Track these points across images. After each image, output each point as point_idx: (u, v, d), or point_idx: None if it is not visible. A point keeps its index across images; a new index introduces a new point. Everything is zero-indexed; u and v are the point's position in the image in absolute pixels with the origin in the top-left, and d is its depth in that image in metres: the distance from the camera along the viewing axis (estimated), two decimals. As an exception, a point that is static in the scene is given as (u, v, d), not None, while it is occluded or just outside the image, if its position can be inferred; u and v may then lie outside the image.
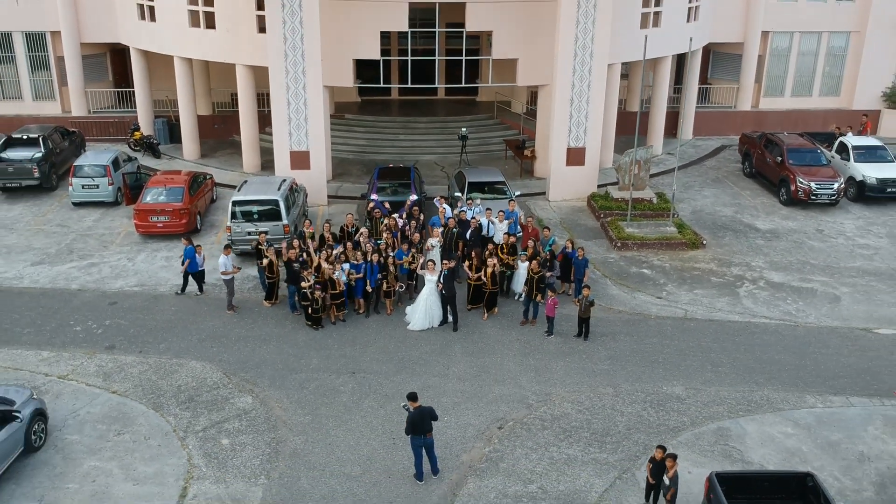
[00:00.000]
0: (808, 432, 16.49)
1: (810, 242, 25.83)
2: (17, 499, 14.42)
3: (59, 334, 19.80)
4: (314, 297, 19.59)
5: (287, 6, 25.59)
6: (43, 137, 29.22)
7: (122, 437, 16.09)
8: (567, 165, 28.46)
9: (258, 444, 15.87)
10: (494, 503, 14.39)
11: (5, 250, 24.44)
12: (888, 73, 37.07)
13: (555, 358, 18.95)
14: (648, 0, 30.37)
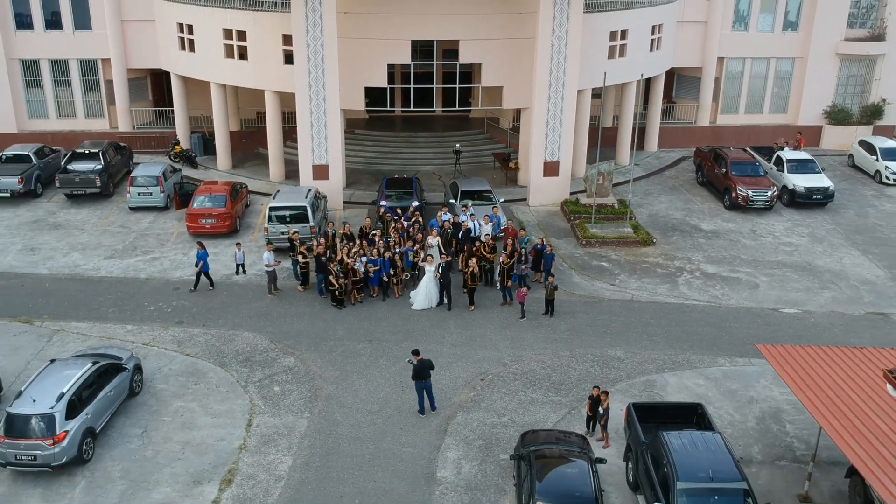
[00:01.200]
0: (715, 383, 21.90)
1: (743, 241, 31.25)
2: (127, 428, 19.80)
3: (136, 313, 25.19)
4: (338, 282, 24.99)
5: (311, 45, 30.95)
6: (101, 151, 34.56)
7: (199, 386, 21.48)
8: (544, 176, 33.88)
9: (301, 391, 21.27)
10: (477, 430, 19.80)
11: (80, 247, 29.82)
12: (828, 93, 42.44)
13: (526, 330, 24.36)
14: (615, 35, 35.73)
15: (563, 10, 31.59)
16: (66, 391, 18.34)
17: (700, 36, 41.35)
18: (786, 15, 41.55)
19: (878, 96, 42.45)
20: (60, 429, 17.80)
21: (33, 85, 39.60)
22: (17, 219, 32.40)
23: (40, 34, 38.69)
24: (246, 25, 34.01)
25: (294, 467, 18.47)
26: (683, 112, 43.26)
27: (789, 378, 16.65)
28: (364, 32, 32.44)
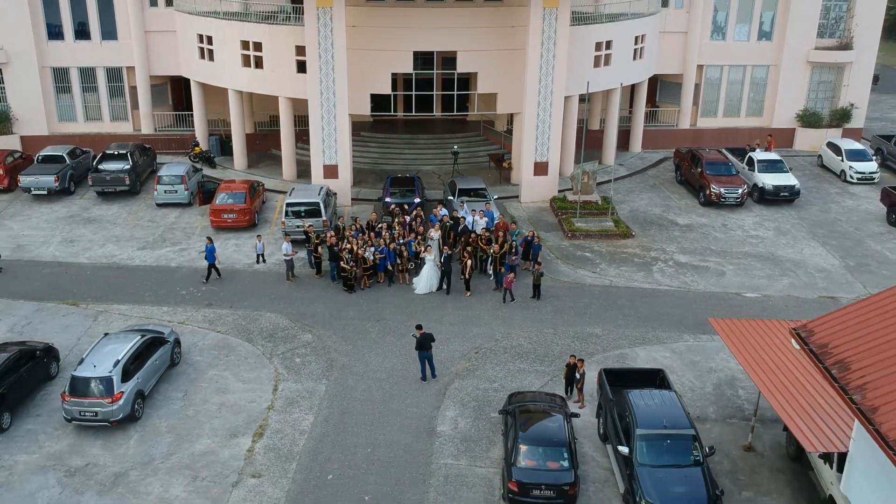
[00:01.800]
0: (679, 356, 25.11)
1: (714, 234, 34.46)
2: (170, 392, 22.99)
3: (170, 297, 28.39)
4: (349, 269, 28.19)
5: (323, 56, 34.13)
6: (129, 152, 37.75)
7: (230, 357, 24.69)
8: (534, 175, 37.09)
9: (318, 361, 24.47)
10: (471, 393, 23.00)
11: (115, 239, 33.02)
12: (800, 98, 45.62)
13: (516, 311, 27.56)
14: (600, 45, 38.91)
15: (550, 24, 34.78)
16: (121, 358, 21.54)
17: (681, 45, 44.52)
18: (760, 25, 44.74)
19: (847, 101, 45.64)
20: (117, 390, 21.00)
21: (63, 91, 42.74)
22: (55, 214, 35.59)
23: (70, 44, 41.84)
24: (262, 37, 37.16)
25: (315, 423, 21.67)
26: (666, 115, 46.44)
27: (732, 344, 19.86)
28: (370, 44, 35.61)
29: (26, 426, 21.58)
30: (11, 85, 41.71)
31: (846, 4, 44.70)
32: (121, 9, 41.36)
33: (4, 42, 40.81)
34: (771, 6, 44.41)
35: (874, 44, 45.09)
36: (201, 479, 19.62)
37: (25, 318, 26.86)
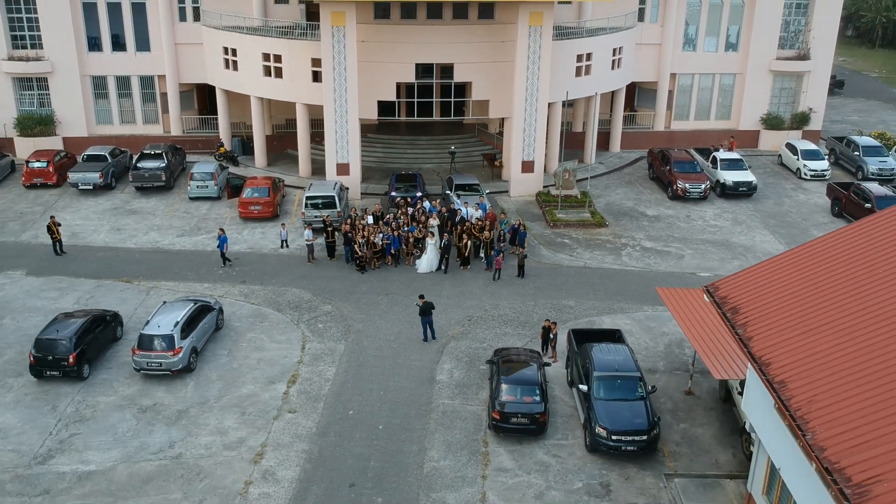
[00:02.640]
0: (639, 323, 30.08)
1: (678, 224, 39.45)
2: (217, 350, 27.94)
3: (209, 275, 33.36)
4: (361, 252, 33.16)
5: (336, 69, 39.05)
6: (164, 152, 42.69)
7: (264, 323, 29.66)
8: (522, 173, 42.05)
9: (338, 327, 29.44)
10: (464, 351, 27.96)
11: (157, 228, 37.98)
12: (763, 103, 50.57)
13: (503, 287, 32.54)
14: (581, 57, 43.82)
15: (535, 40, 39.73)
16: (180, 320, 26.50)
17: (656, 55, 49.48)
18: (727, 38, 49.72)
19: (806, 106, 50.60)
20: (177, 345, 25.95)
21: (101, 97, 47.66)
22: (100, 206, 40.54)
23: (108, 55, 46.75)
24: (281, 50, 42.06)
25: (337, 374, 26.65)
26: (643, 119, 51.42)
27: (671, 305, 24.81)
28: (377, 57, 40.54)
29: (102, 376, 26.54)
30: (55, 92, 46.60)
31: (804, 19, 49.66)
32: (153, 23, 46.26)
33: (50, 54, 45.70)
34: (736, 20, 49.38)
35: (829, 54, 50.06)
36: (248, 414, 24.61)
37: (88, 293, 31.82)
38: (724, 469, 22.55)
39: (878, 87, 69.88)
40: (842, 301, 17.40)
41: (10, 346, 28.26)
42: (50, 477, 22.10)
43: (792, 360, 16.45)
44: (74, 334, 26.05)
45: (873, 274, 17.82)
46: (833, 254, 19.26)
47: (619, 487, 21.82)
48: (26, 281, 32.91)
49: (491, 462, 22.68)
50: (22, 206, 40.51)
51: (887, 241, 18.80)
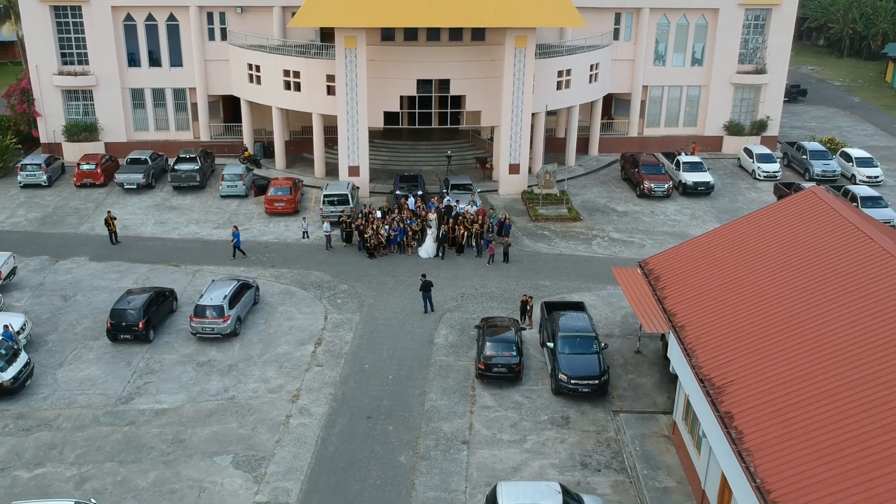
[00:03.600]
0: (602, 298, 36.39)
1: (643, 218, 45.78)
2: (256, 319, 34.24)
3: (244, 261, 39.65)
4: (371, 242, 39.46)
5: (349, 84, 45.33)
6: (198, 156, 48.99)
7: (293, 299, 35.98)
8: (509, 174, 48.37)
9: (353, 302, 35.77)
10: (458, 321, 34.29)
11: (195, 221, 44.29)
12: (726, 112, 56.88)
13: (491, 271, 38.87)
14: (561, 73, 50.09)
15: (520, 59, 46.00)
16: (227, 294, 32.81)
17: (629, 70, 55.78)
18: (693, 54, 56.05)
19: (763, 114, 56.91)
20: (227, 314, 32.24)
21: (138, 106, 53.95)
22: (144, 203, 46.84)
23: (145, 70, 53.05)
24: (299, 67, 48.34)
25: (354, 337, 32.99)
26: (618, 126, 57.76)
27: (621, 281, 31.05)
28: (383, 73, 46.81)
29: (164, 339, 32.86)
30: (99, 102, 52.89)
31: (760, 38, 55.97)
32: (186, 42, 52.54)
33: (95, 69, 51.98)
34: (701, 38, 55.71)
35: (784, 69, 56.38)
36: (284, 367, 30.95)
37: (144, 275, 38.14)
38: (659, 408, 28.88)
39: (839, 95, 76.15)
40: (732, 268, 23.76)
41: (85, 316, 34.58)
42: (133, 413, 28.44)
43: (691, 310, 22.82)
44: (143, 305, 32.35)
45: (762, 247, 24.17)
46: (735, 235, 25.61)
47: (576, 419, 28.16)
48: (90, 265, 39.22)
49: (477, 401, 29.04)
50: (76, 203, 46.81)
51: (778, 225, 25.13)
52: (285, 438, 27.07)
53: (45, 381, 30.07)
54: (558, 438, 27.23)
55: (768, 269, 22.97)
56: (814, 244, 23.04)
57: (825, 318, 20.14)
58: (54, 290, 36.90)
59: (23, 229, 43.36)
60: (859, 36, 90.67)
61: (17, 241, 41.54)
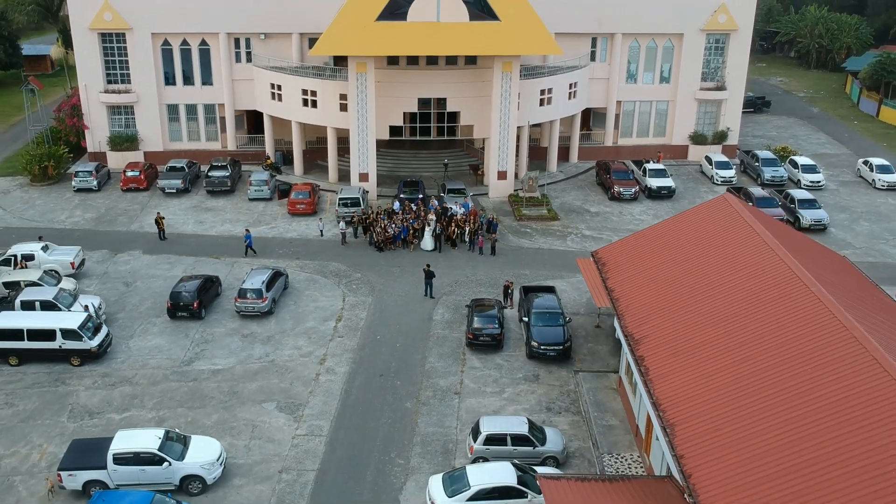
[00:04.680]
0: (572, 284, 43.95)
1: (613, 218, 53.34)
2: (287, 301, 41.80)
3: (272, 254, 47.21)
4: (378, 237, 47.03)
5: (359, 103, 52.88)
6: (228, 164, 56.54)
7: (316, 285, 43.57)
8: (498, 180, 55.93)
9: (366, 287, 43.35)
10: (452, 302, 41.86)
11: (228, 221, 51.84)
12: (691, 123, 64.42)
13: (480, 262, 46.46)
14: (543, 91, 57.63)
15: (507, 81, 53.53)
16: (265, 279, 40.35)
17: (605, 87, 63.32)
18: (661, 73, 63.59)
19: (724, 126, 64.46)
20: (265, 295, 39.78)
21: (173, 120, 61.47)
22: (183, 205, 54.38)
23: (180, 88, 60.58)
24: (316, 87, 55.88)
25: (367, 315, 40.54)
26: (596, 136, 65.33)
27: (582, 268, 38.53)
28: (389, 92, 54.34)
29: (213, 317, 40.39)
30: (139, 116, 60.43)
31: (721, 59, 63.50)
32: (215, 64, 60.08)
33: (136, 87, 59.53)
34: (668, 59, 63.26)
35: (742, 86, 63.95)
36: (312, 338, 38.50)
37: (190, 266, 45.67)
38: (610, 368, 36.41)
39: (801, 106, 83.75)
40: (657, 256, 31.34)
41: (146, 299, 42.11)
42: (194, 372, 36.02)
43: (625, 287, 30.42)
44: (196, 289, 39.91)
45: (681, 240, 31.75)
46: (663, 231, 33.18)
47: (544, 377, 35.74)
48: (144, 258, 46.79)
49: (467, 364, 36.64)
50: (124, 205, 54.39)
51: (695, 223, 32.68)
52: (316, 390, 34.65)
53: (121, 349, 37.65)
54: (530, 390, 34.82)
55: (682, 257, 30.54)
56: (718, 239, 30.59)
57: (717, 289, 27.69)
58: (117, 277, 44.47)
59: (82, 227, 50.91)
60: (825, 49, 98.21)
61: (79, 237, 49.06)
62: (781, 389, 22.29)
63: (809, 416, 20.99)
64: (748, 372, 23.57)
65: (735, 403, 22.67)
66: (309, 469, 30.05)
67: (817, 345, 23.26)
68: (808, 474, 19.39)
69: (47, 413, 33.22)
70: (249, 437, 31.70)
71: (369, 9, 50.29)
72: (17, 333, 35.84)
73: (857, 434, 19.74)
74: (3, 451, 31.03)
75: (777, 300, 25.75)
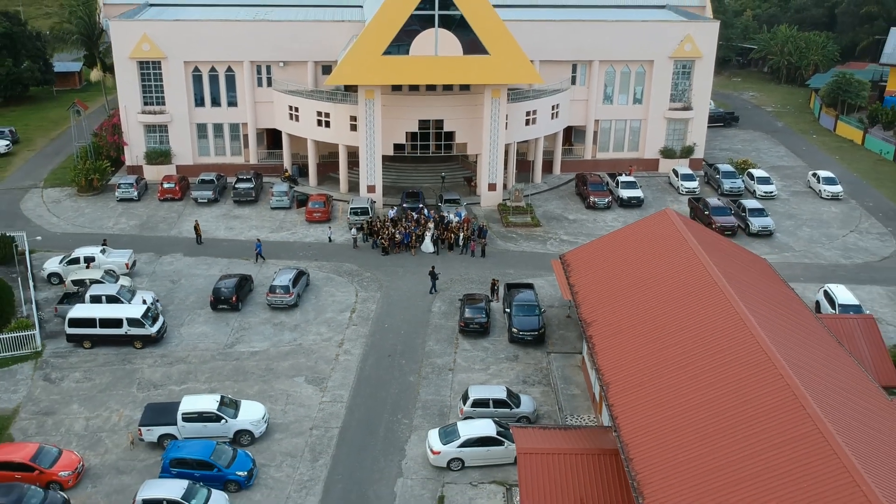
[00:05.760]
0: (549, 282, 51.90)
1: (588, 224, 61.39)
2: (309, 296, 49.84)
3: (294, 256, 55.25)
4: (385, 242, 55.07)
5: (368, 124, 60.88)
6: (252, 177, 64.59)
7: (333, 282, 51.63)
8: (488, 191, 63.98)
9: (374, 284, 51.40)
10: (448, 296, 49.89)
11: (254, 227, 59.87)
12: (661, 139, 72.41)
13: (471, 263, 54.50)
14: (529, 112, 65.62)
15: (496, 105, 61.57)
16: (291, 277, 48.41)
17: (584, 107, 71.35)
18: (634, 95, 71.64)
19: (691, 142, 72.50)
20: (291, 291, 47.83)
21: (202, 137, 69.46)
22: (213, 213, 62.40)
23: (208, 109, 68.59)
24: (329, 110, 63.87)
25: (376, 308, 48.58)
26: (577, 150, 73.39)
27: (556, 269, 46.53)
28: (393, 114, 62.35)
29: (248, 309, 48.40)
30: (172, 134, 68.44)
31: (687, 82, 71.50)
32: (240, 88, 68.07)
33: (170, 109, 67.55)
34: (640, 83, 71.29)
35: (706, 106, 71.99)
36: (332, 326, 46.54)
37: (225, 266, 53.66)
38: (576, 350, 44.42)
39: (767, 121, 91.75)
40: (610, 258, 39.39)
41: (190, 294, 50.10)
42: (236, 353, 44.03)
43: (583, 282, 38.44)
44: (234, 286, 47.96)
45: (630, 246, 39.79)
46: (618, 238, 41.22)
47: (523, 357, 43.75)
48: (185, 259, 54.82)
49: (459, 346, 44.68)
50: (162, 213, 62.42)
51: (642, 233, 40.70)
52: (336, 367, 42.68)
53: (174, 335, 45.65)
54: (510, 368, 42.86)
55: (627, 260, 38.55)
56: (656, 245, 38.62)
57: (649, 285, 35.71)
58: (163, 276, 52.50)
59: (128, 233, 58.93)
60: (794, 66, 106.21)
61: (126, 241, 57.03)
62: (688, 357, 30.30)
63: (705, 375, 28.99)
64: (666, 346, 31.58)
65: (655, 368, 30.69)
66: (333, 427, 38.09)
67: (714, 325, 31.27)
68: (707, 412, 27.36)
69: (119, 385, 41.25)
70: (285, 402, 39.75)
71: (377, 44, 58.25)
72: (90, 322, 43.84)
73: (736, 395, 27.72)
74: (89, 414, 39.07)
75: (692, 294, 33.78)
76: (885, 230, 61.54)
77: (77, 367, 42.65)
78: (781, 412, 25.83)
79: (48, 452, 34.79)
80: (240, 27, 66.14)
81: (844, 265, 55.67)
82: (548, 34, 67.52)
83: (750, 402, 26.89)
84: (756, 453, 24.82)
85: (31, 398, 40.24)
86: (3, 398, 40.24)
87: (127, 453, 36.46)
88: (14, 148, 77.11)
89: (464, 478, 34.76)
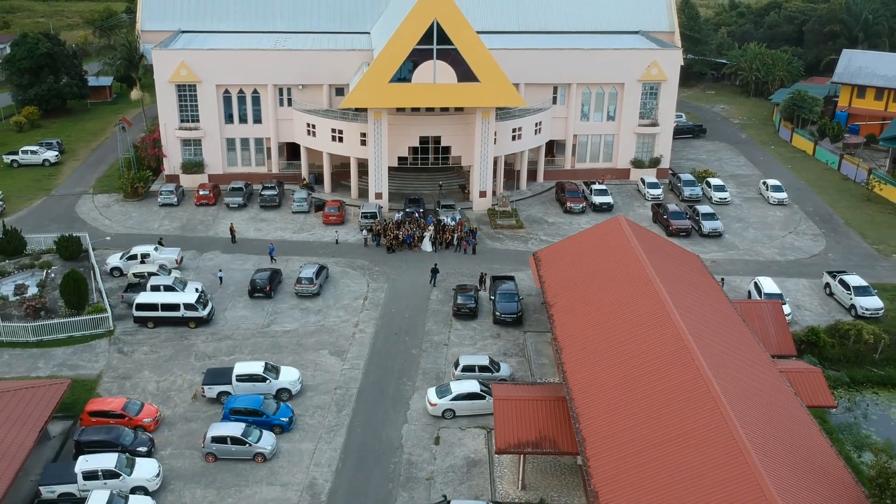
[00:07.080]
0: (529, 276, 62.20)
1: (564, 227, 71.67)
2: (329, 287, 60.15)
3: (314, 253, 65.57)
4: (390, 242, 65.37)
5: (376, 140, 71.14)
6: (275, 185, 74.92)
7: (348, 275, 61.95)
8: (480, 197, 74.28)
9: (383, 277, 61.73)
10: (444, 288, 60.23)
11: (279, 229, 70.18)
12: (631, 152, 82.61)
13: (464, 259, 64.80)
14: (515, 129, 75.83)
15: (486, 124, 71.85)
16: (314, 270, 58.76)
17: (564, 124, 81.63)
18: (608, 113, 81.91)
19: (658, 153, 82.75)
20: (315, 282, 58.14)
21: (231, 150, 79.72)
22: (243, 217, 72.67)
23: (236, 125, 78.85)
24: (342, 127, 74.14)
25: (385, 296, 58.88)
26: (558, 161, 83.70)
27: (532, 264, 56.78)
28: (397, 132, 72.60)
29: (279, 297, 58.68)
30: (205, 147, 78.71)
31: (654, 101, 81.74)
32: (264, 107, 78.37)
33: (204, 125, 77.83)
34: (613, 102, 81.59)
35: (671, 122, 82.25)
36: (348, 310, 56.87)
37: (257, 262, 63.94)
38: (548, 330, 54.53)
39: (733, 132, 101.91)
40: (570, 255, 49.74)
41: (229, 285, 60.38)
42: (272, 331, 54.37)
43: (550, 274, 48.79)
44: (267, 278, 58.31)
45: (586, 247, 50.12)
46: (579, 239, 51.56)
47: (504, 335, 54.09)
48: (222, 256, 65.13)
49: (453, 326, 55.01)
50: (200, 217, 72.71)
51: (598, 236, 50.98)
52: (353, 343, 53.03)
53: (220, 318, 55.97)
54: (493, 343, 53.20)
55: (586, 255, 48.85)
56: (607, 246, 48.93)
57: (599, 276, 46.03)
58: (206, 270, 62.79)
59: (171, 234, 69.18)
60: (762, 81, 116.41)
61: (171, 241, 67.27)
62: (620, 328, 40.66)
63: (631, 340, 39.29)
64: (606, 320, 41.91)
65: (601, 335, 41.05)
66: (352, 388, 48.44)
67: (641, 305, 41.56)
68: (630, 364, 37.64)
69: (180, 357, 51.57)
70: (314, 369, 50.10)
71: (384, 74, 68.47)
72: (153, 306, 54.14)
73: (647, 352, 38.01)
74: (158, 378, 49.40)
75: (627, 282, 44.09)
76: (819, 231, 71.85)
77: (144, 342, 52.97)
78: (677, 366, 36.16)
79: (133, 404, 45.12)
80: (265, 55, 76.44)
81: (779, 261, 65.97)
82: (532, 61, 77.79)
83: (653, 354, 37.28)
84: (653, 394, 35.18)
85: (110, 367, 50.54)
86: (89, 366, 50.56)
87: (191, 406, 46.78)
88: (61, 158, 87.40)
89: (455, 424, 45.08)
